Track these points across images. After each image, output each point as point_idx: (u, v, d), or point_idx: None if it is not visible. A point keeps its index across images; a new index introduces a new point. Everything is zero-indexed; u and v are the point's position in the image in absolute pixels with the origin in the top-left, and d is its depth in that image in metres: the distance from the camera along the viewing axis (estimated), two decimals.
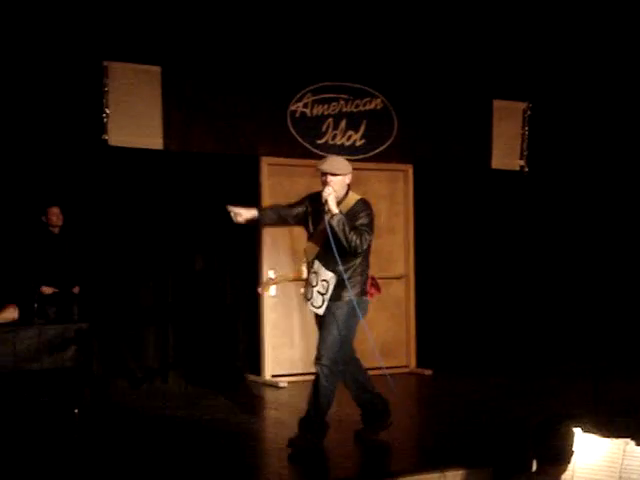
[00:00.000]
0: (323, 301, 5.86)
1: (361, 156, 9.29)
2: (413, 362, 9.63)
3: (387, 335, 9.51)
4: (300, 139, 9.00)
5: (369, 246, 5.95)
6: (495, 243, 10.40)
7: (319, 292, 5.87)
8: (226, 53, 8.76)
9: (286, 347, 9.05)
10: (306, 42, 9.06)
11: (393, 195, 9.69)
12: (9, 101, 8.01)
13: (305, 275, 6.09)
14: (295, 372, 8.94)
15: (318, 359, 5.85)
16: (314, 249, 5.97)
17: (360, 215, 5.86)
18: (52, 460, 5.70)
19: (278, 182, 8.99)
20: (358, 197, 6.04)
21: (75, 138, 8.20)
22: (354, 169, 9.11)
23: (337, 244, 5.71)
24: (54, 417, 6.96)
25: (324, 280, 5.84)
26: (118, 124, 8.14)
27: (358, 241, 5.73)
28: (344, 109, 9.24)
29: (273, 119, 8.91)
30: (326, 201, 5.76)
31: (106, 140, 8.06)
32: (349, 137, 9.26)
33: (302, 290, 6.17)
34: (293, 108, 9.01)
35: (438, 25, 9.55)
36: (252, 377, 8.97)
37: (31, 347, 6.91)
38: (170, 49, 8.50)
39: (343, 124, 9.23)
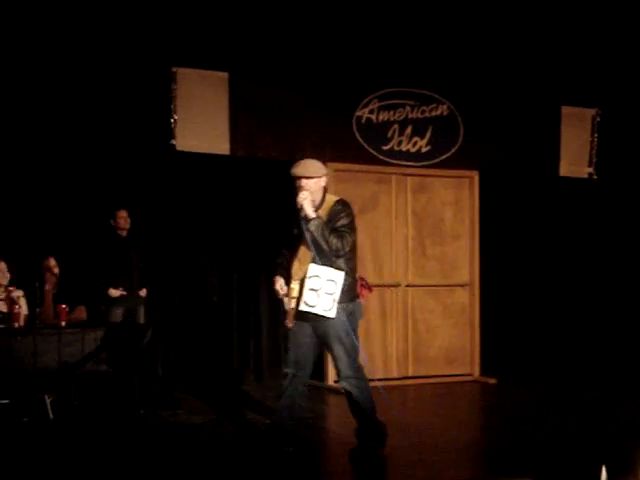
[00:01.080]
0: (333, 302, 5.59)
1: (427, 162, 9.27)
2: (477, 370, 9.54)
3: (451, 343, 9.45)
4: (366, 145, 9.00)
5: (355, 247, 5.80)
6: (562, 251, 10.26)
7: (327, 293, 5.60)
8: (293, 59, 8.80)
9: None
10: (373, 48, 9.04)
11: (458, 201, 9.62)
12: (79, 106, 8.16)
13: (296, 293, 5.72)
14: None
15: (339, 376, 5.81)
16: (303, 265, 5.69)
17: (340, 216, 5.69)
18: (119, 460, 5.77)
19: (344, 188, 8.96)
20: (336, 198, 5.88)
21: (144, 143, 8.32)
22: (419, 175, 9.32)
23: (318, 249, 5.55)
24: (120, 418, 7.05)
25: (330, 280, 5.58)
26: (185, 129, 8.23)
27: (339, 243, 5.57)
28: (410, 115, 9.21)
29: (339, 125, 8.92)
30: (302, 206, 5.59)
31: (174, 145, 8.16)
32: (415, 143, 9.23)
33: (291, 304, 5.74)
34: (359, 114, 9.01)
35: (506, 30, 9.45)
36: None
37: (99, 348, 7.01)
38: (237, 55, 8.57)
39: (409, 130, 9.20)
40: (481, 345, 9.59)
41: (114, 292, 7.95)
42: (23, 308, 7.13)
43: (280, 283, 5.74)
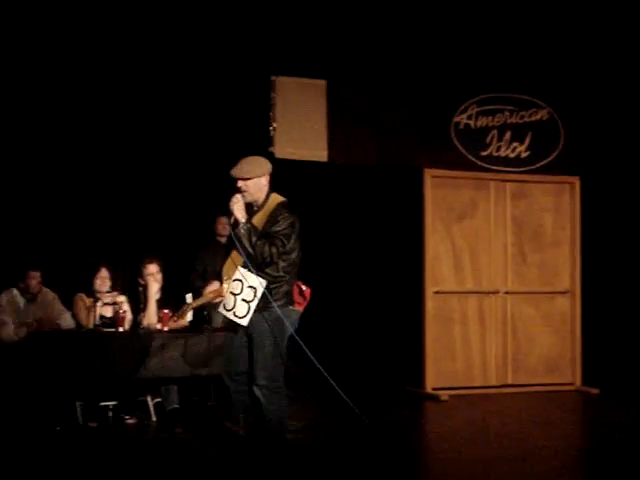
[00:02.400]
0: (248, 310, 5.32)
1: (526, 168, 9.14)
2: (579, 380, 9.34)
3: (551, 351, 9.28)
4: (464, 151, 8.93)
5: (296, 253, 5.47)
6: None
7: (244, 300, 5.36)
8: (390, 66, 8.80)
9: (447, 360, 8.97)
10: (470, 54, 8.98)
11: (559, 208, 9.44)
12: (182, 116, 8.34)
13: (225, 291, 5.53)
14: (456, 385, 8.86)
15: (254, 381, 5.38)
16: (234, 265, 5.51)
17: (277, 220, 5.41)
18: (218, 462, 5.84)
19: (441, 194, 8.95)
20: (281, 200, 5.61)
21: (243, 151, 8.42)
22: (518, 181, 9.19)
23: (247, 254, 5.34)
24: (220, 421, 7.14)
25: (251, 287, 5.34)
26: (284, 137, 8.31)
27: (267, 250, 5.27)
28: (509, 120, 9.10)
29: (436, 131, 8.88)
30: (231, 212, 5.43)
31: (272, 152, 8.25)
32: (514, 149, 9.11)
33: (221, 301, 5.58)
34: (457, 120, 8.95)
35: (607, 34, 9.26)
36: (413, 389, 8.94)
37: (200, 353, 7.12)
38: (335, 63, 8.62)
39: (508, 135, 9.10)
40: (583, 354, 9.39)
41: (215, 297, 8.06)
42: (127, 313, 7.30)
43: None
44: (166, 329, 7.16)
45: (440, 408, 8.21)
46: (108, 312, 7.32)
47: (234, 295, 5.40)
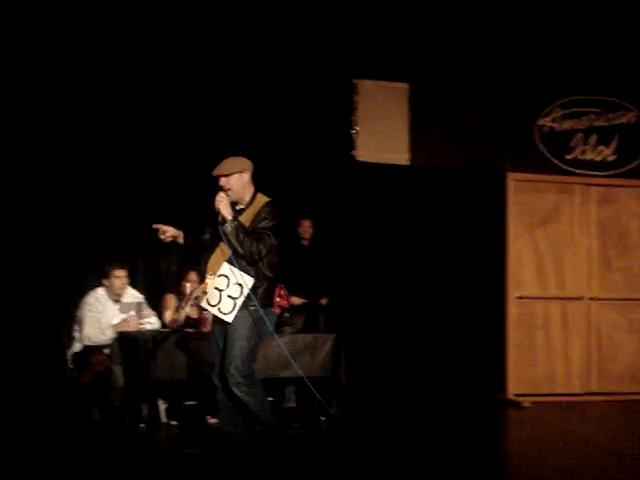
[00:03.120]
0: (234, 306, 5.31)
1: (612, 172, 8.97)
2: None
3: (637, 360, 9.07)
4: (548, 154, 8.80)
5: (278, 253, 5.49)
6: None
7: (230, 296, 5.33)
8: (472, 69, 8.74)
9: (529, 366, 8.84)
10: (555, 56, 8.85)
11: None
12: (266, 120, 8.41)
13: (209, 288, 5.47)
14: (539, 392, 8.73)
15: (230, 376, 5.34)
16: (220, 259, 5.45)
17: (264, 217, 5.44)
18: (300, 465, 5.86)
19: (525, 198, 8.83)
20: (267, 200, 5.59)
21: (326, 154, 8.48)
22: (604, 185, 9.01)
23: (234, 251, 5.31)
24: (301, 424, 7.17)
25: (238, 283, 5.32)
26: (366, 140, 8.31)
27: (255, 247, 5.29)
28: (595, 123, 8.94)
29: (520, 134, 8.78)
30: (218, 210, 5.36)
31: (354, 155, 8.26)
32: (600, 152, 8.95)
33: (205, 298, 5.51)
34: (541, 123, 8.83)
35: None
36: (494, 395, 8.84)
37: (282, 355, 7.15)
38: (418, 66, 8.60)
39: (593, 139, 8.94)
40: None
41: (296, 300, 8.11)
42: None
43: (170, 230, 5.55)
44: None
45: (522, 415, 8.10)
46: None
47: (219, 291, 5.37)
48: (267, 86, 8.40)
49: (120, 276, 7.16)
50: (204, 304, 5.52)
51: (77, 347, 7.09)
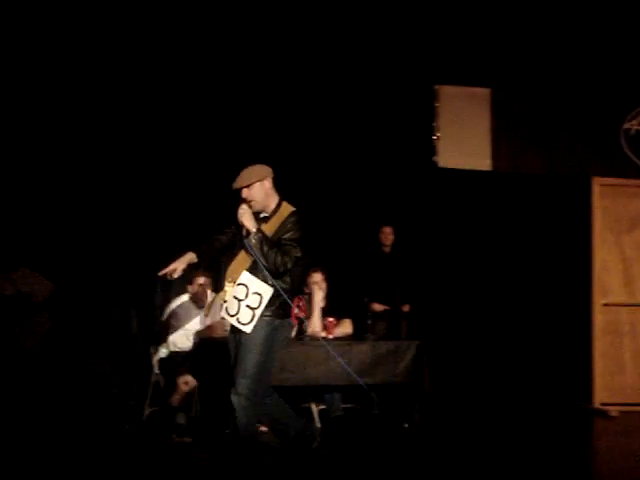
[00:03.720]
0: (253, 317, 5.17)
1: None
2: None
3: None
4: (635, 158, 8.61)
5: (301, 266, 5.37)
6: None
7: (249, 306, 5.19)
8: (555, 73, 8.62)
9: (616, 374, 8.64)
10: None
11: None
12: (348, 125, 8.44)
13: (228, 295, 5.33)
14: (627, 401, 8.52)
15: (237, 384, 5.18)
16: (240, 267, 5.30)
17: (289, 228, 5.27)
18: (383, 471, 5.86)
19: (611, 203, 8.66)
20: (292, 209, 5.39)
21: (407, 160, 8.46)
22: None
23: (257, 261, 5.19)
24: (384, 430, 7.16)
25: (256, 293, 5.18)
26: (448, 146, 8.26)
27: (279, 259, 5.14)
28: None
29: (605, 138, 8.60)
30: (241, 223, 5.24)
31: (436, 162, 8.22)
32: None
33: (223, 307, 5.34)
34: (627, 126, 8.64)
35: None
36: (580, 404, 8.68)
37: (364, 361, 7.16)
38: (499, 70, 8.52)
39: None
40: None
41: (377, 307, 8.12)
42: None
43: (178, 266, 5.30)
44: (331, 337, 7.27)
45: (609, 424, 7.93)
46: None
47: (238, 300, 5.25)
48: (349, 93, 8.42)
49: (203, 283, 7.24)
50: (223, 313, 5.38)
51: (163, 353, 7.20)
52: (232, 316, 5.25)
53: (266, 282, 5.22)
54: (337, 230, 8.52)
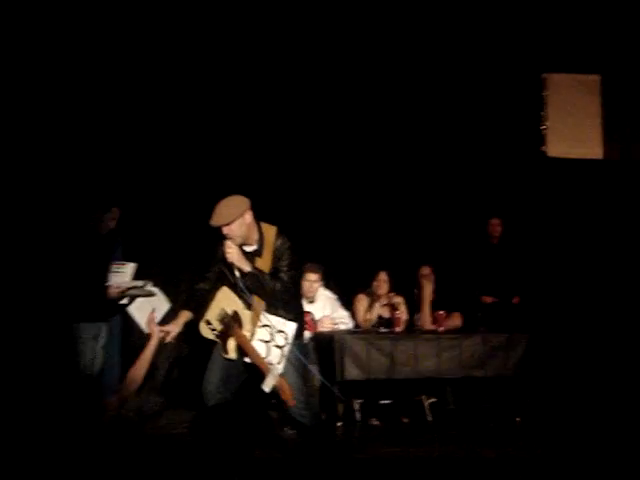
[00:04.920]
0: (282, 355, 5.07)
1: None
2: None
3: None
4: None
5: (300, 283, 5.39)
6: None
7: (277, 346, 5.07)
8: None
9: None
10: None
11: None
12: (452, 116, 8.38)
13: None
14: None
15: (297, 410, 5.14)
16: (233, 305, 5.16)
17: (283, 254, 5.12)
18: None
19: None
20: (274, 230, 5.20)
21: (515, 151, 8.35)
22: None
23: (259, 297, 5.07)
24: (496, 424, 7.11)
25: (281, 331, 5.07)
26: (557, 135, 8.15)
27: (282, 289, 5.04)
28: None
29: None
30: (232, 264, 5.03)
31: (544, 152, 8.10)
32: None
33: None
34: None
35: None
36: None
37: (475, 354, 7.13)
38: (609, 57, 8.32)
39: None
40: None
41: (487, 299, 8.05)
42: (403, 314, 7.46)
43: (174, 329, 5.12)
44: (441, 329, 7.25)
45: None
46: (385, 313, 7.51)
47: (265, 342, 5.12)
48: (457, 83, 8.36)
49: (312, 280, 7.29)
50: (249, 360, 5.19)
51: None
52: (263, 359, 5.11)
53: (285, 317, 5.14)
54: (445, 223, 8.47)
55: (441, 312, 7.30)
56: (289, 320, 5.15)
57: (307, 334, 6.56)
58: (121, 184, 7.07)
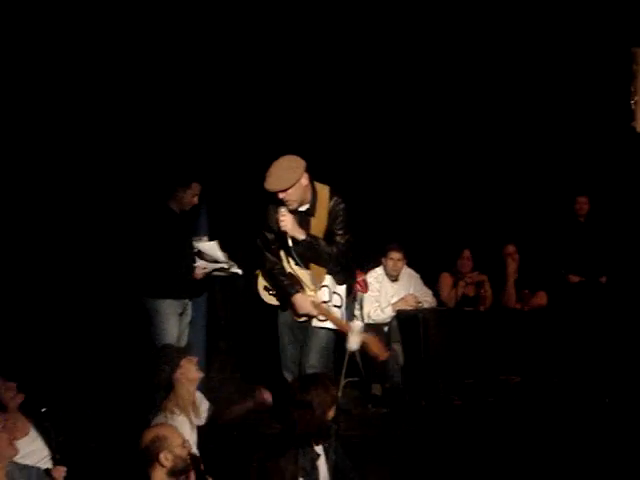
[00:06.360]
0: (342, 315, 5.15)
1: None
2: None
3: None
4: None
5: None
6: None
7: (335, 306, 5.16)
8: None
9: None
10: None
11: None
12: (538, 91, 8.24)
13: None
14: None
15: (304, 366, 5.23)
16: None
17: (338, 215, 5.08)
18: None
19: None
20: (327, 190, 5.11)
21: (603, 127, 8.17)
22: None
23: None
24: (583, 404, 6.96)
25: (336, 293, 5.15)
26: None
27: (338, 252, 5.05)
28: None
29: None
30: (286, 232, 4.96)
31: (634, 127, 7.88)
32: None
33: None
34: None
35: None
36: None
37: None
38: None
39: None
40: None
41: (574, 278, 7.92)
42: (488, 292, 7.40)
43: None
44: (526, 308, 7.18)
45: None
46: (470, 291, 7.46)
47: (325, 303, 5.18)
48: (544, 58, 8.20)
49: (395, 258, 7.27)
50: (315, 322, 5.26)
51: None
52: (324, 321, 5.19)
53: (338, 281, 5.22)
54: (532, 201, 8.35)
55: (526, 291, 7.23)
56: (339, 284, 5.20)
57: (360, 295, 6.69)
58: (205, 160, 7.08)
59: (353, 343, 5.14)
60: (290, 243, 5.03)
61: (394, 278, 7.29)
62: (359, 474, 4.73)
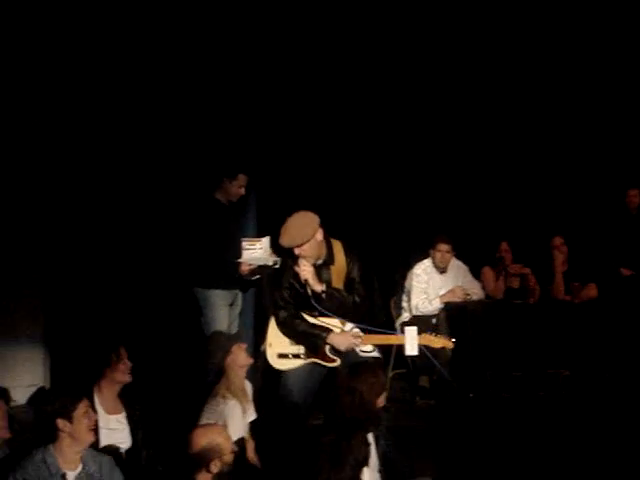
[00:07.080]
0: (373, 349, 5.37)
1: None
2: None
3: None
4: None
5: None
6: None
7: (363, 351, 5.32)
8: None
9: None
10: None
11: None
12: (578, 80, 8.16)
13: None
14: None
15: None
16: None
17: (354, 267, 5.29)
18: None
19: None
20: (341, 245, 5.32)
21: None
22: None
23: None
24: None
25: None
26: None
27: (358, 300, 5.26)
28: None
29: None
30: (306, 281, 5.04)
31: None
32: None
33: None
34: None
35: None
36: None
37: None
38: None
39: None
40: None
41: (625, 271, 7.83)
42: (535, 284, 7.34)
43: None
44: (576, 301, 7.12)
45: None
46: (515, 284, 7.41)
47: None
48: (595, 49, 8.10)
49: (443, 250, 7.23)
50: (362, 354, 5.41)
51: (405, 317, 7.30)
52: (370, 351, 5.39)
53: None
54: (581, 194, 8.27)
55: (576, 283, 7.17)
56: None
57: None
58: (254, 151, 7.10)
59: (411, 350, 5.21)
60: (310, 292, 5.17)
61: (442, 270, 7.26)
62: (407, 465, 4.75)
